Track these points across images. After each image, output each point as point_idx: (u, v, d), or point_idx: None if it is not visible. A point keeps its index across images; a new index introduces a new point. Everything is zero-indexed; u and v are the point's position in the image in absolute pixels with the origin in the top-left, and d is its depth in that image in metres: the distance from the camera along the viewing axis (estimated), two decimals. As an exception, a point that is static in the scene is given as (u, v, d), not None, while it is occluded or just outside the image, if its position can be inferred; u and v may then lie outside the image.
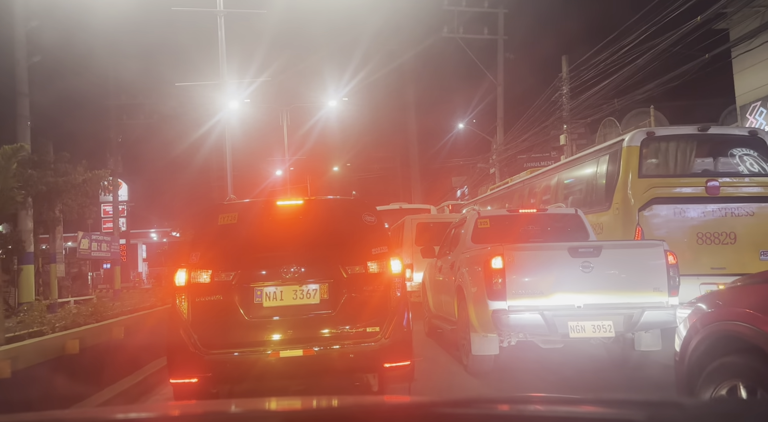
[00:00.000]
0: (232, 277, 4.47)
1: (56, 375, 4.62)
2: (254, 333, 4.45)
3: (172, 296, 4.59)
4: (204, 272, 4.49)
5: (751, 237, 7.79)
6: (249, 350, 4.38)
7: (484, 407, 1.45)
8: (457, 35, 23.04)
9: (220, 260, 4.57)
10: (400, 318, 4.61)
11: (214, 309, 4.44)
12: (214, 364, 4.34)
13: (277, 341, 4.44)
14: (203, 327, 4.40)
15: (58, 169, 15.76)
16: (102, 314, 6.41)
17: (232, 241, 4.73)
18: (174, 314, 4.50)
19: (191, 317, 4.42)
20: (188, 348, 4.34)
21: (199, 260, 4.55)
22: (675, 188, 8.09)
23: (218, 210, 4.96)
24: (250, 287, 4.48)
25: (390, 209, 17.67)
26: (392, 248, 4.88)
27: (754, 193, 8.04)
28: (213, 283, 4.47)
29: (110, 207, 31.45)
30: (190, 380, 4.38)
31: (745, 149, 8.37)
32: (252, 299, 4.47)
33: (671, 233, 7.65)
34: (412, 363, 4.67)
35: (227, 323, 4.43)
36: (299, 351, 4.39)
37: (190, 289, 4.46)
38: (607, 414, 1.37)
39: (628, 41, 14.79)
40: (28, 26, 14.86)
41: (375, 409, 1.51)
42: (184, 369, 4.42)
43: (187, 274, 4.49)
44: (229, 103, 19.03)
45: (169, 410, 1.93)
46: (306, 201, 5.14)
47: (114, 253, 26.99)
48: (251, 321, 4.44)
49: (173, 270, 4.65)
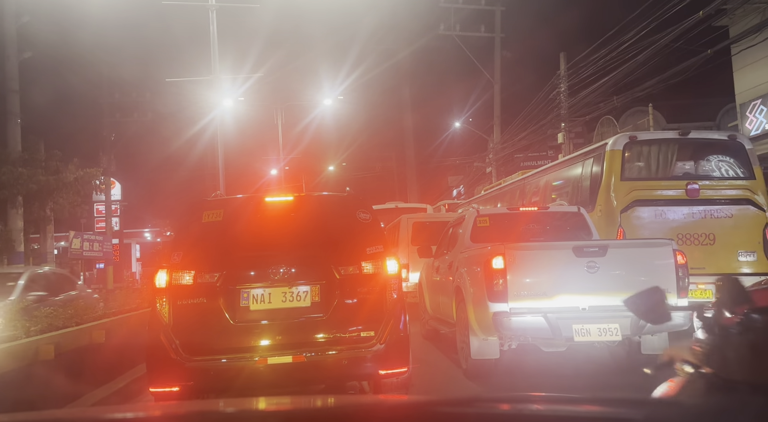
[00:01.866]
0: (216, 278, 4.20)
1: (27, 383, 4.36)
2: (240, 338, 4.17)
3: (152, 298, 4.30)
4: (186, 273, 4.20)
5: (730, 239, 8.11)
6: (235, 356, 4.11)
7: (484, 406, 1.43)
8: (454, 33, 22.82)
9: (204, 260, 4.29)
10: (397, 322, 4.37)
11: (197, 312, 4.16)
12: (196, 372, 4.06)
13: (265, 347, 4.17)
14: (185, 332, 4.11)
15: (49, 168, 15.54)
16: (82, 316, 6.13)
17: (217, 240, 4.43)
18: (154, 318, 4.20)
19: (172, 321, 4.13)
20: (169, 354, 4.04)
21: (181, 260, 4.25)
22: (656, 191, 8.43)
23: (202, 206, 4.63)
24: (236, 289, 4.22)
25: (386, 208, 17.51)
26: (387, 247, 4.63)
27: (733, 195, 8.38)
28: (196, 285, 4.19)
29: (103, 206, 31.23)
30: (171, 389, 4.08)
31: (724, 153, 8.70)
32: (238, 302, 4.21)
33: (652, 234, 7.92)
34: (409, 370, 4.45)
35: (211, 328, 4.16)
36: (288, 357, 4.12)
37: (171, 291, 4.17)
38: (606, 413, 1.35)
39: (626, 39, 14.64)
40: (18, 22, 14.67)
41: (374, 409, 1.49)
42: (164, 377, 4.13)
43: (168, 275, 4.20)
44: (222, 101, 18.80)
45: (165, 409, 1.89)
46: (296, 197, 4.90)
47: (107, 253, 26.76)
48: (237, 325, 4.17)
49: (154, 271, 4.37)
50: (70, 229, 25.00)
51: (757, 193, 8.34)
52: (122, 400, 5.42)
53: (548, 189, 11.36)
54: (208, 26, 17.58)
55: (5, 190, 14.03)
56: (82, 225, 32.83)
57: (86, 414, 2.37)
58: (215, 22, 17.51)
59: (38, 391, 4.51)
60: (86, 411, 3.30)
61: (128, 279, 33.32)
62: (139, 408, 3.19)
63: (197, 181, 31.30)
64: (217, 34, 17.68)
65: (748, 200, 8.28)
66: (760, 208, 8.25)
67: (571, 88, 19.03)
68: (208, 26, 17.58)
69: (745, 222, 8.17)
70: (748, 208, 8.24)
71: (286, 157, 31.86)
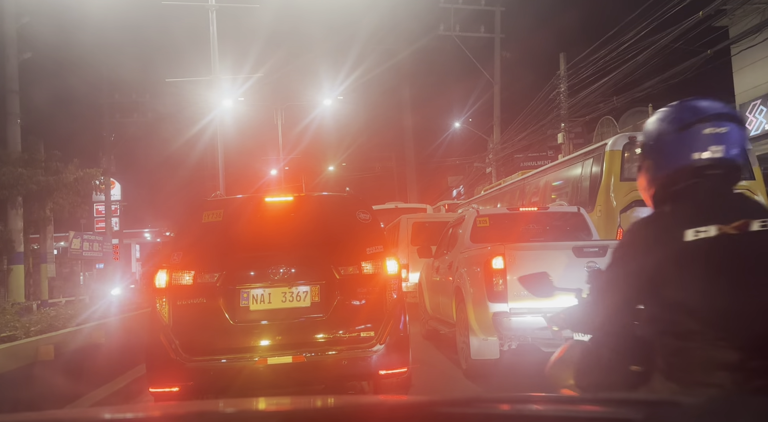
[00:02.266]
0: (216, 279, 4.21)
1: (27, 383, 4.35)
2: (240, 338, 4.18)
3: (152, 299, 4.31)
4: (186, 273, 4.21)
5: None
6: (234, 357, 4.11)
7: (484, 406, 1.41)
8: (454, 33, 22.78)
9: (204, 260, 4.30)
10: (397, 322, 4.37)
11: (196, 312, 4.17)
12: (196, 372, 4.06)
13: (265, 347, 4.17)
14: (185, 332, 4.12)
15: (49, 168, 15.54)
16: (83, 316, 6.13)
17: (217, 240, 4.44)
18: (154, 318, 4.20)
19: (172, 321, 4.13)
20: (169, 354, 4.05)
21: (181, 260, 4.27)
22: None
23: (202, 207, 4.64)
24: (236, 289, 4.22)
25: (386, 208, 17.50)
26: (387, 247, 4.64)
27: None
28: (196, 285, 4.19)
29: (103, 206, 31.20)
30: (171, 389, 4.09)
31: None
32: (238, 302, 4.21)
33: None
34: (408, 370, 4.45)
35: (211, 328, 4.16)
36: (288, 357, 4.12)
37: (171, 291, 4.18)
38: (606, 413, 1.33)
39: (625, 39, 14.63)
40: (18, 22, 14.65)
41: (374, 409, 1.46)
42: (164, 377, 4.14)
43: (168, 275, 4.20)
44: (222, 101, 18.79)
45: (165, 410, 1.86)
46: (296, 197, 4.92)
47: (106, 253, 26.77)
48: (237, 325, 4.17)
49: (153, 271, 4.39)
50: (69, 230, 25.03)
51: (756, 194, 8.30)
52: (122, 401, 5.41)
53: (548, 189, 11.38)
54: (208, 26, 17.58)
55: (5, 191, 14.03)
56: (81, 225, 32.84)
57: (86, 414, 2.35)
58: (215, 22, 17.50)
59: (38, 391, 4.50)
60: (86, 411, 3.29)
61: (128, 279, 33.28)
62: (138, 408, 3.19)
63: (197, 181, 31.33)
64: (217, 34, 17.68)
65: None
66: None
67: (571, 89, 19.02)
68: (208, 26, 17.58)
69: None
70: None
71: (286, 157, 31.85)
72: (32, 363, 4.50)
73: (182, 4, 17.84)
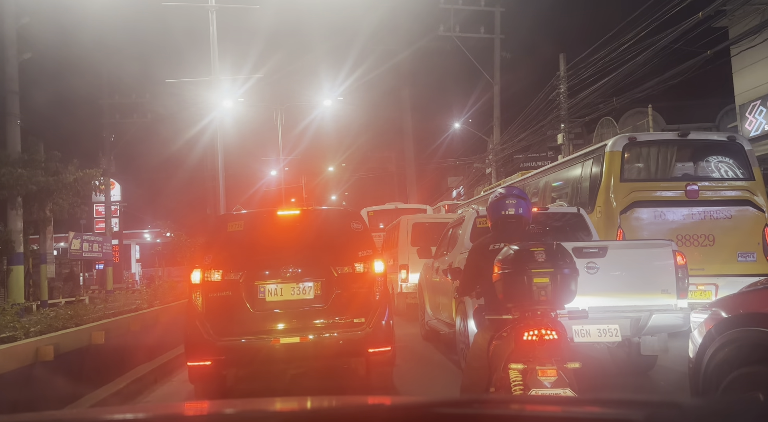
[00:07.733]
0: (239, 276, 5.15)
1: (26, 384, 4.35)
2: (258, 323, 5.13)
3: (188, 292, 5.32)
4: (216, 272, 5.17)
5: (729, 240, 8.10)
6: (254, 337, 5.07)
7: (484, 407, 1.45)
8: (454, 34, 22.79)
9: (230, 261, 5.24)
10: (383, 311, 5.33)
11: (224, 303, 5.11)
12: (225, 349, 5.00)
13: (278, 330, 5.15)
14: (215, 318, 5.07)
15: (48, 168, 15.53)
16: (82, 317, 6.13)
17: (240, 245, 5.41)
18: (190, 307, 5.19)
19: (205, 310, 5.10)
20: (203, 335, 5.02)
21: (211, 261, 5.23)
22: (655, 192, 8.42)
23: (228, 219, 5.77)
24: (255, 285, 5.17)
25: (385, 209, 17.53)
26: (376, 251, 5.57)
27: (732, 196, 8.37)
28: (223, 281, 5.15)
29: (103, 207, 31.20)
30: (204, 362, 5.03)
31: (723, 154, 8.71)
32: (256, 295, 5.16)
33: (651, 235, 7.91)
34: (393, 348, 5.36)
35: (235, 315, 5.10)
36: (297, 338, 5.10)
37: (203, 286, 5.14)
38: (606, 414, 1.37)
39: (625, 40, 14.62)
40: (18, 23, 14.66)
41: (374, 409, 1.52)
42: (199, 353, 5.07)
43: (202, 273, 5.17)
44: (222, 102, 18.77)
45: (165, 410, 1.93)
46: (302, 211, 5.90)
47: (106, 254, 26.77)
48: (256, 313, 5.13)
49: (189, 270, 5.39)
50: (69, 230, 25.03)
51: (756, 194, 8.32)
52: (122, 401, 5.42)
53: (548, 190, 11.37)
54: (208, 27, 17.55)
55: (5, 191, 14.03)
56: (81, 226, 32.81)
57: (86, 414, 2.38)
58: (215, 22, 17.47)
59: (38, 392, 4.52)
60: (86, 412, 3.33)
61: (128, 280, 33.31)
62: (139, 409, 3.20)
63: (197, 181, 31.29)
64: (217, 34, 17.64)
65: (748, 201, 8.27)
66: (759, 208, 8.24)
67: (570, 89, 19.02)
68: (208, 27, 17.55)
69: (745, 223, 8.16)
70: (748, 208, 8.24)
71: (286, 157, 31.86)
72: (32, 364, 4.52)
73: (182, 5, 17.83)
